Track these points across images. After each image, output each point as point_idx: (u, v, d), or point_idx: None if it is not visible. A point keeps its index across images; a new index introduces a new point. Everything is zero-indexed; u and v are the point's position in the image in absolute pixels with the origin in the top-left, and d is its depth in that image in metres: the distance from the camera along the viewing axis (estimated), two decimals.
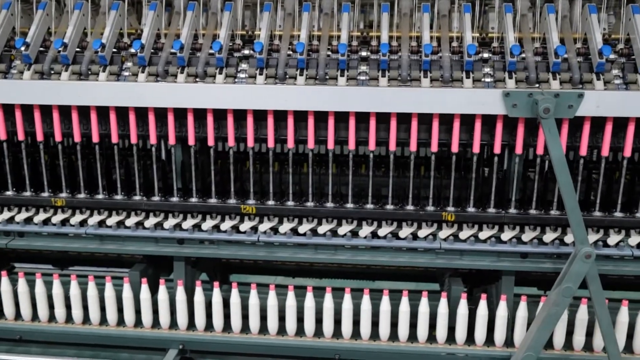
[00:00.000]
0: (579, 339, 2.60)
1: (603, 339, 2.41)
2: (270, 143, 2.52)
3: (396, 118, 2.42)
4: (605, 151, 2.39)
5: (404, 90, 2.36)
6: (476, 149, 2.43)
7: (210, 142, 2.54)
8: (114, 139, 2.58)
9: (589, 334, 2.61)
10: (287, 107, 2.42)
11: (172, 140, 2.56)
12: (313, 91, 2.40)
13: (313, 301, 2.65)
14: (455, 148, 2.43)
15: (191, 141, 2.55)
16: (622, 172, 2.42)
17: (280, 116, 2.48)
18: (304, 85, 2.41)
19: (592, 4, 2.47)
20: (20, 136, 2.62)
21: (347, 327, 2.68)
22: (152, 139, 2.57)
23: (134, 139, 2.57)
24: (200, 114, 2.52)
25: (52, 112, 2.57)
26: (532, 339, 2.39)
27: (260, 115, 2.49)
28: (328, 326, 2.69)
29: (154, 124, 2.54)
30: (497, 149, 2.42)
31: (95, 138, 2.58)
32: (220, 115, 2.51)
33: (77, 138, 2.60)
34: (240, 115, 2.50)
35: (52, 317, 2.86)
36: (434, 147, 2.44)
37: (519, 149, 2.41)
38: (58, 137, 2.61)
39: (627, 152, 2.38)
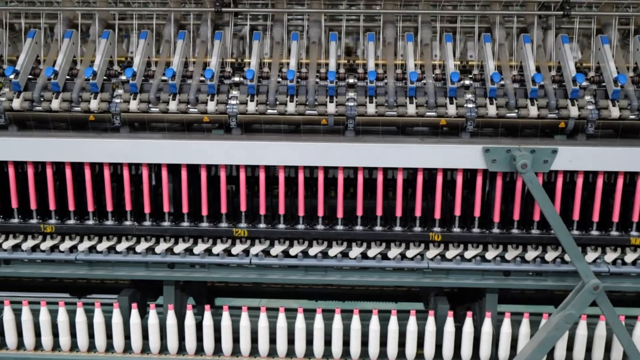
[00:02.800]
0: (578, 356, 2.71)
1: (627, 355, 2.56)
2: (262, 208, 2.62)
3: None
4: (576, 213, 2.56)
5: (390, 147, 2.45)
6: (458, 206, 2.56)
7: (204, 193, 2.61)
8: (107, 181, 2.62)
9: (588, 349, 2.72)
10: (278, 162, 2.52)
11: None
12: (302, 148, 2.47)
13: (304, 322, 2.69)
14: (438, 206, 2.56)
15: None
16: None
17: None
18: (294, 143, 2.49)
19: (565, 35, 2.63)
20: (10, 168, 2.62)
21: (337, 348, 2.73)
22: (146, 199, 2.63)
23: (127, 183, 2.62)
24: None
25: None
26: (525, 358, 2.47)
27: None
28: (318, 347, 2.73)
29: (147, 180, 2.61)
30: (476, 213, 2.56)
31: (87, 181, 2.61)
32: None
33: (68, 179, 2.62)
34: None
35: (38, 346, 2.83)
36: (418, 205, 2.57)
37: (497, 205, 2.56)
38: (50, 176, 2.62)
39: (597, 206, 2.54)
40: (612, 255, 2.59)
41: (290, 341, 2.74)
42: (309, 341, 2.73)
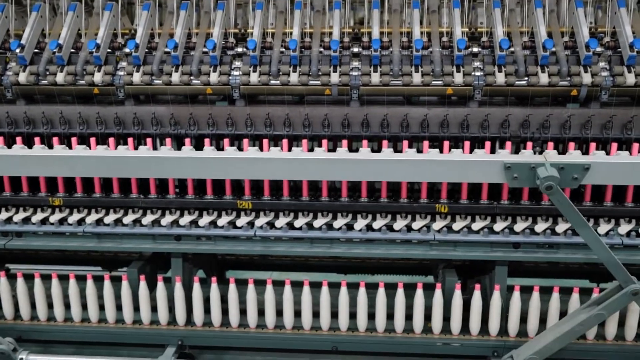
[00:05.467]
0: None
1: None
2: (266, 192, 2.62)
3: None
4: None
5: (405, 162, 2.21)
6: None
7: None
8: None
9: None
10: (281, 177, 2.42)
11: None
12: (307, 163, 2.22)
13: (310, 295, 2.68)
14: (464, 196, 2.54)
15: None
16: None
17: None
18: (295, 156, 2.28)
19: None
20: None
21: (344, 320, 2.71)
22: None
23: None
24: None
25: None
26: (544, 345, 2.42)
27: None
28: (325, 319, 2.72)
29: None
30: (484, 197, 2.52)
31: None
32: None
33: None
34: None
35: (51, 316, 2.88)
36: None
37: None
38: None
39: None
40: (626, 227, 2.50)
41: (297, 313, 2.73)
42: (316, 313, 2.72)
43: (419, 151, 2.47)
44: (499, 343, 2.66)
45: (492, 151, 2.49)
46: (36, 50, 2.69)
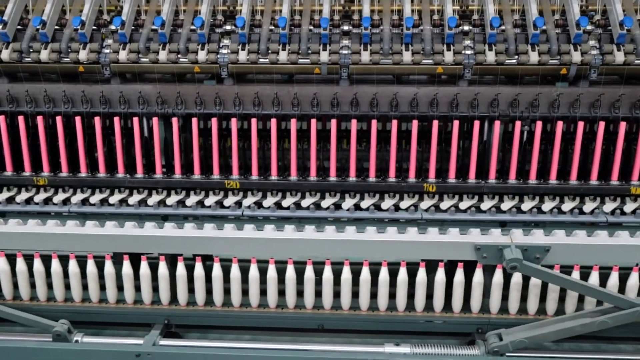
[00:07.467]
0: None
1: None
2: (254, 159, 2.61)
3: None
4: (575, 162, 2.49)
5: (385, 242, 2.46)
6: (454, 155, 2.53)
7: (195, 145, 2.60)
8: (98, 134, 2.60)
9: None
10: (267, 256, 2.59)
11: None
12: (293, 243, 2.50)
13: (294, 274, 2.65)
14: (433, 155, 2.52)
15: None
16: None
17: None
18: (279, 236, 2.51)
19: None
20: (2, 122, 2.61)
21: (327, 298, 2.69)
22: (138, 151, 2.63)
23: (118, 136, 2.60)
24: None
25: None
26: (538, 334, 2.45)
27: None
28: (309, 298, 2.70)
29: (139, 132, 2.60)
30: (472, 163, 2.51)
31: (79, 133, 2.60)
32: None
33: (60, 132, 2.60)
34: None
35: (33, 296, 2.83)
36: (413, 155, 2.54)
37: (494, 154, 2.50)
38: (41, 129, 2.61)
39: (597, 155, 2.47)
40: (611, 205, 2.51)
41: (281, 292, 2.71)
42: (300, 292, 2.70)
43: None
44: (482, 320, 2.67)
45: (481, 130, 2.49)
46: (19, 27, 2.63)
